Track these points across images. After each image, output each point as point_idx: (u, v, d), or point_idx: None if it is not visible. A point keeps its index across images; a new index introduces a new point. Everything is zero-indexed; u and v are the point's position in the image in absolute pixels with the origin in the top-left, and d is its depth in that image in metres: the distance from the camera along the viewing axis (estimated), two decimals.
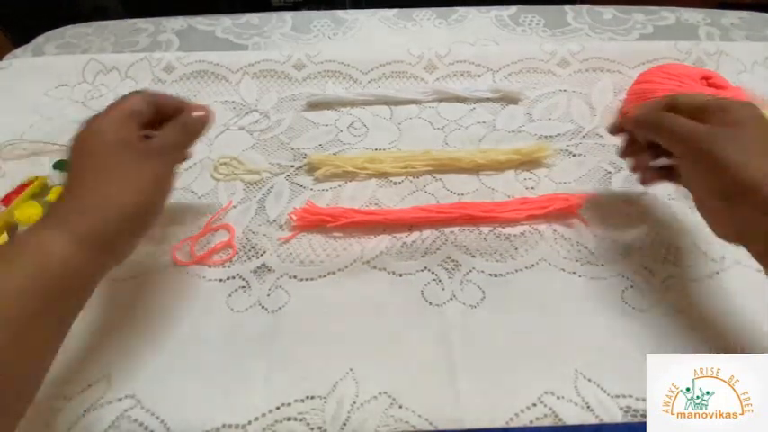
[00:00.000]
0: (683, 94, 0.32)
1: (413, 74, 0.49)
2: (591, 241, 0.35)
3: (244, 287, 0.34)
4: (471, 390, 0.28)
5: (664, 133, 0.30)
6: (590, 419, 0.27)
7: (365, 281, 0.34)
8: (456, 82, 0.49)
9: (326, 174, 0.40)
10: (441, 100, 0.47)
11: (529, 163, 0.41)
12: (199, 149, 0.43)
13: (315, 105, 0.47)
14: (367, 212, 0.37)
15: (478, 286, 0.33)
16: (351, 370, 0.29)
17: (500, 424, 0.27)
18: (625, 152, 0.35)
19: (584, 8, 0.61)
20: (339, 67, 0.50)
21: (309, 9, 0.64)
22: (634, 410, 0.27)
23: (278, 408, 0.28)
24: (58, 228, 0.24)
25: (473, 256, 0.35)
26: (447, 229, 0.36)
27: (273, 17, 0.61)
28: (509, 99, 0.47)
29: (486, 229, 0.36)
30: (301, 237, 0.36)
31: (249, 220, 0.38)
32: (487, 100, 0.47)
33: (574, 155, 0.42)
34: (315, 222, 0.36)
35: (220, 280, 0.34)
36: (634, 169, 0.35)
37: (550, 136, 0.44)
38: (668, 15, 0.59)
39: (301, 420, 0.27)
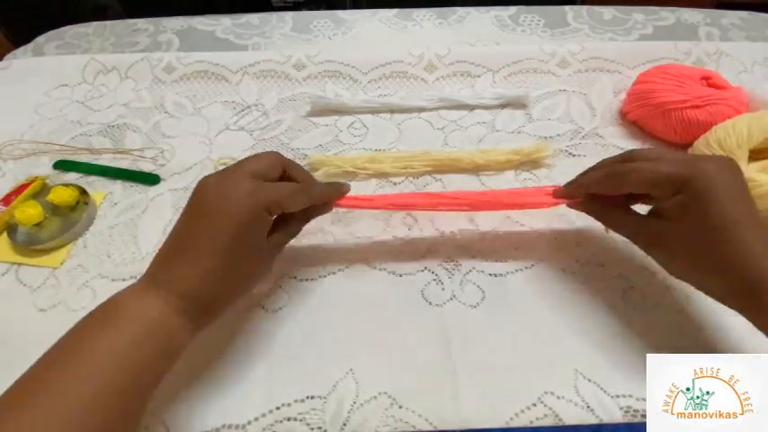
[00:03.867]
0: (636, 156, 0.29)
1: (413, 74, 0.49)
2: (591, 241, 0.35)
3: None
4: (471, 390, 0.28)
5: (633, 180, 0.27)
6: (590, 419, 0.27)
7: (365, 281, 0.34)
8: (456, 82, 0.49)
9: (327, 174, 0.40)
10: (447, 108, 0.47)
11: (529, 163, 0.41)
12: (198, 150, 0.43)
13: (319, 112, 0.47)
14: (364, 198, 0.34)
15: (478, 286, 0.33)
16: (351, 370, 0.29)
17: (500, 424, 0.27)
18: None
19: (584, 8, 0.61)
20: (339, 68, 0.50)
21: (309, 9, 0.64)
22: (634, 410, 0.27)
23: (278, 408, 0.28)
24: (159, 293, 0.24)
25: (473, 257, 0.35)
26: (447, 229, 0.36)
27: (273, 17, 0.61)
28: (516, 105, 0.46)
29: (486, 229, 0.36)
30: (301, 237, 0.36)
31: None
32: (495, 107, 0.46)
33: (573, 155, 0.42)
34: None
35: None
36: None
37: (550, 136, 0.44)
38: (668, 15, 0.60)
39: (301, 420, 0.27)
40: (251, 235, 0.26)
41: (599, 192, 0.30)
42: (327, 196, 0.31)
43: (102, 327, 0.23)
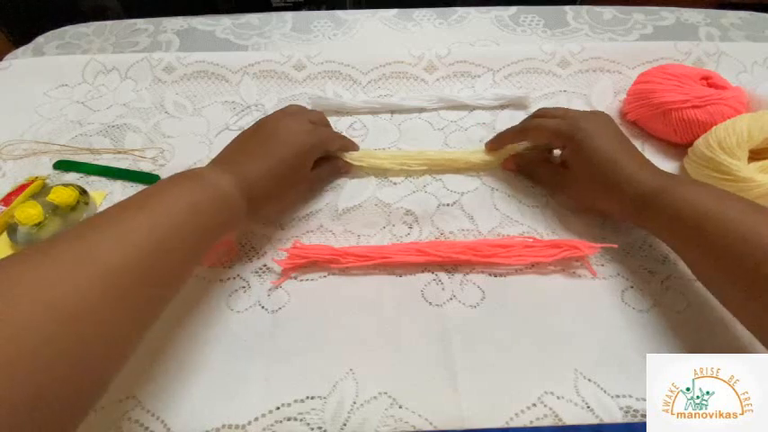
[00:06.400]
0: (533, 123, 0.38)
1: (413, 74, 0.49)
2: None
3: (244, 287, 0.34)
4: (471, 390, 0.28)
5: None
6: (590, 419, 0.27)
7: (365, 281, 0.34)
8: (456, 82, 0.49)
9: None
10: (447, 108, 0.47)
11: None
12: (198, 150, 0.43)
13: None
14: (360, 255, 0.34)
15: (478, 286, 0.33)
16: (351, 370, 0.29)
17: (500, 424, 0.27)
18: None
19: (584, 8, 0.61)
20: (339, 68, 0.50)
21: (309, 9, 0.64)
22: (634, 410, 0.27)
23: (278, 408, 0.28)
24: (231, 175, 0.30)
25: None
26: (447, 230, 0.36)
27: (273, 17, 0.61)
28: (516, 106, 0.47)
29: (485, 230, 0.36)
30: (301, 236, 0.36)
31: None
32: (495, 108, 0.46)
33: None
34: (304, 264, 0.34)
35: (220, 280, 0.34)
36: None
37: None
38: (668, 15, 0.60)
39: (301, 420, 0.27)
40: (302, 160, 0.35)
41: (514, 142, 0.40)
42: (348, 146, 0.41)
43: (183, 182, 0.28)
